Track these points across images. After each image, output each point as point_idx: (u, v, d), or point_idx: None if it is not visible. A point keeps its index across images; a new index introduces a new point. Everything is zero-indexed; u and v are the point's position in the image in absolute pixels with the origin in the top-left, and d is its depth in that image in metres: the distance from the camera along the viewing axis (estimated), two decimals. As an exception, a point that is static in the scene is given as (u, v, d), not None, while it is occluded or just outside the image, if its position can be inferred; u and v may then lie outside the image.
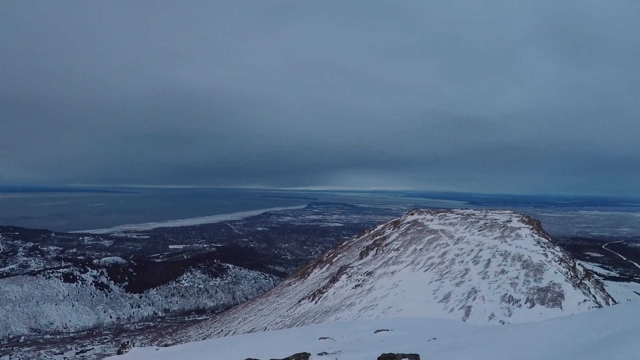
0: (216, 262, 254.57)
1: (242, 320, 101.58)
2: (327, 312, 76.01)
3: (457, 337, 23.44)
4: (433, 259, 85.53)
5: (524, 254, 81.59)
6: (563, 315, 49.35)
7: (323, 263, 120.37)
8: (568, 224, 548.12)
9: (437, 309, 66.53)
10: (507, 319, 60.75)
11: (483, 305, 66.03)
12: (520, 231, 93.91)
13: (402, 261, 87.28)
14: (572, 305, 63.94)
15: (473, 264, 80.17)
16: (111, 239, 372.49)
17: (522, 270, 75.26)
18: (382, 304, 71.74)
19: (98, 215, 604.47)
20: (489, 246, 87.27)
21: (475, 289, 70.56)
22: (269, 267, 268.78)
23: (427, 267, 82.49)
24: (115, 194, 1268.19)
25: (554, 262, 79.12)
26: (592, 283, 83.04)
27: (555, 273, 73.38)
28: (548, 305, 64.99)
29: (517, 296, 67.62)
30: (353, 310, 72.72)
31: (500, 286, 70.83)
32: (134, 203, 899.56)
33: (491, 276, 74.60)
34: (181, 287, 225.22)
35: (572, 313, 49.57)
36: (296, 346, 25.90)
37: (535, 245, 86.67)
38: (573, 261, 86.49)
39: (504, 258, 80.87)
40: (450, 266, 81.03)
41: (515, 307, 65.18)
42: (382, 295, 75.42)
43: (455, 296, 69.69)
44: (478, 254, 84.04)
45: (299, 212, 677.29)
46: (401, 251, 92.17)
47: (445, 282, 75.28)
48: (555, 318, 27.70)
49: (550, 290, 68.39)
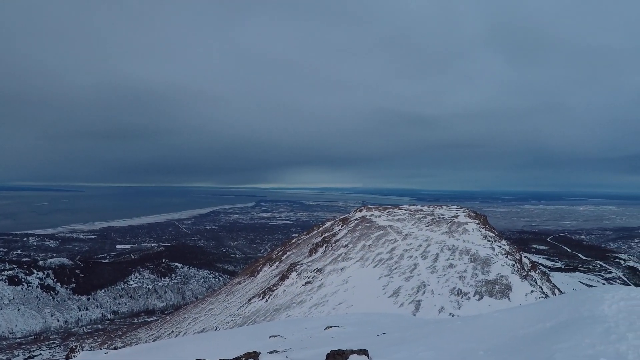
0: (165, 261, 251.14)
1: (192, 320, 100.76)
2: (278, 310, 75.86)
3: (406, 331, 23.61)
4: (382, 254, 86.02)
5: (471, 248, 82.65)
6: (511, 306, 50.11)
7: (273, 261, 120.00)
8: (514, 218, 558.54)
9: (388, 304, 66.94)
10: (456, 312, 61.50)
11: (432, 299, 66.68)
12: (467, 226, 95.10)
13: (352, 257, 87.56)
14: (519, 297, 65.12)
15: (422, 259, 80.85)
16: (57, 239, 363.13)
17: (470, 264, 76.23)
18: (333, 301, 71.87)
19: (43, 215, 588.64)
20: (437, 241, 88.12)
21: (424, 283, 71.19)
22: (218, 265, 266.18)
23: (377, 263, 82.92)
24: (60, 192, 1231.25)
25: (501, 255, 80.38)
26: (538, 274, 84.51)
27: (502, 266, 74.56)
28: (496, 297, 66.03)
29: (465, 289, 68.48)
30: (304, 307, 72.70)
31: (449, 280, 71.63)
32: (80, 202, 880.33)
33: (440, 270, 75.37)
34: (130, 288, 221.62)
35: (520, 304, 50.42)
36: (247, 345, 25.76)
37: (482, 239, 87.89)
38: (519, 254, 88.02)
39: (452, 252, 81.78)
40: (399, 261, 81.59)
41: (464, 299, 66.02)
42: (333, 291, 75.56)
43: (405, 291, 70.19)
44: (426, 249, 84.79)
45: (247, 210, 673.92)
46: (350, 247, 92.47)
47: (395, 277, 75.76)
48: (502, 309, 28.10)
49: (498, 282, 69.47)
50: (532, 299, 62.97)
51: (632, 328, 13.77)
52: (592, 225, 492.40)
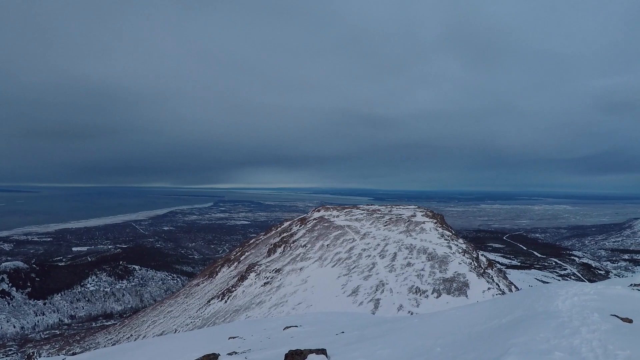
0: (122, 263, 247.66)
1: (151, 323, 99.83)
2: (238, 311, 75.59)
3: (364, 330, 23.75)
4: (340, 254, 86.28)
5: (428, 247, 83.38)
6: (469, 303, 50.68)
7: (231, 261, 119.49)
8: (470, 217, 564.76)
9: (347, 303, 67.21)
10: (415, 310, 62.01)
11: (391, 297, 67.12)
12: (425, 225, 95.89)
13: (310, 257, 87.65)
14: (477, 294, 65.95)
15: (380, 258, 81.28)
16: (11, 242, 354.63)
17: (427, 262, 76.90)
18: (292, 301, 71.92)
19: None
20: (395, 240, 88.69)
21: (383, 282, 71.60)
22: (176, 267, 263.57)
23: (335, 263, 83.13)
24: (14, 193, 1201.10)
25: (458, 253, 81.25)
26: (495, 272, 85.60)
27: (459, 264, 75.40)
28: (454, 294, 66.74)
29: (424, 287, 69.06)
30: (263, 307, 72.59)
31: (407, 278, 72.15)
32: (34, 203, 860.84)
33: (398, 269, 75.86)
34: (87, 291, 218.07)
35: (477, 301, 50.96)
36: (206, 347, 25.66)
37: (440, 238, 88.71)
38: (476, 252, 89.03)
39: (409, 251, 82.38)
40: (358, 261, 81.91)
41: (422, 297, 66.58)
42: (292, 291, 75.59)
43: (363, 290, 70.53)
44: (384, 248, 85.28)
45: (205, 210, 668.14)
46: (309, 247, 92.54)
47: (354, 276, 76.05)
48: (459, 306, 28.46)
49: (456, 280, 70.23)
50: (489, 295, 63.78)
51: (585, 322, 14.13)
52: (547, 224, 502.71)
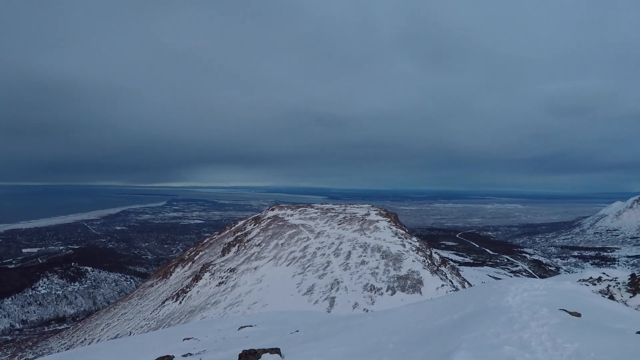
0: (74, 265, 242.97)
1: (105, 326, 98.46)
2: (193, 311, 75.14)
3: (319, 328, 23.84)
4: (295, 253, 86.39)
5: (383, 245, 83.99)
6: (423, 300, 51.24)
7: (185, 261, 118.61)
8: (424, 216, 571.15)
9: (302, 302, 67.34)
10: (370, 307, 62.46)
11: (346, 295, 67.46)
12: (379, 224, 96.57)
13: (265, 256, 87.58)
14: (430, 290, 66.70)
15: (334, 257, 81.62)
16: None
17: (382, 260, 77.46)
18: (247, 300, 71.77)
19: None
20: (349, 239, 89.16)
21: (338, 280, 71.91)
22: (129, 268, 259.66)
23: (290, 261, 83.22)
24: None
25: (412, 251, 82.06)
26: (448, 269, 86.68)
27: (413, 262, 76.14)
28: (408, 291, 67.38)
29: (378, 285, 69.58)
30: (219, 308, 72.29)
31: (362, 276, 72.59)
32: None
33: (353, 267, 76.28)
34: (38, 294, 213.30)
35: (431, 298, 51.56)
36: (160, 349, 25.51)
37: (393, 236, 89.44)
38: (429, 250, 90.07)
39: (364, 249, 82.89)
40: (313, 259, 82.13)
41: (377, 295, 67.07)
42: (247, 291, 75.45)
43: (319, 288, 70.74)
44: (339, 247, 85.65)
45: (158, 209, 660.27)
46: (263, 246, 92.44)
47: (309, 275, 76.24)
48: (413, 303, 28.75)
49: (410, 277, 70.90)
50: (443, 292, 64.57)
51: (535, 317, 14.46)
52: (498, 222, 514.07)
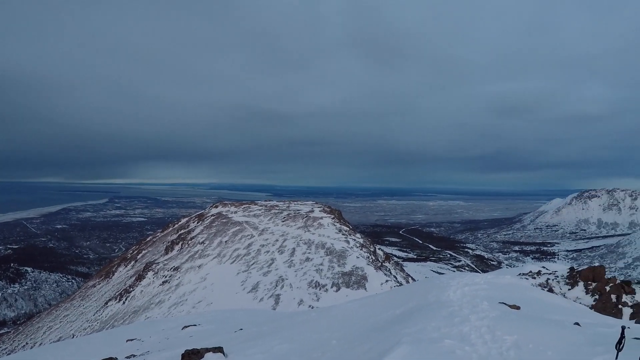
0: (13, 266, 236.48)
1: (47, 329, 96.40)
2: (137, 312, 74.25)
3: (263, 326, 23.88)
4: (239, 250, 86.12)
5: (327, 242, 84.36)
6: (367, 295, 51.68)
7: (128, 260, 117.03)
8: (367, 212, 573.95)
9: (247, 300, 67.21)
10: (315, 304, 62.66)
11: (291, 292, 67.59)
12: (323, 220, 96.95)
13: (209, 254, 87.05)
14: (375, 286, 67.26)
15: (279, 254, 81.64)
16: None
17: (326, 257, 77.81)
18: (192, 299, 71.29)
19: None
20: (293, 236, 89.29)
21: (282, 278, 71.96)
22: (71, 268, 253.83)
23: (234, 259, 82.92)
24: None
25: (356, 248, 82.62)
26: (392, 265, 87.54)
27: (357, 258, 76.69)
28: (353, 287, 67.85)
29: (323, 281, 69.89)
30: (163, 307, 71.61)
31: (306, 273, 72.82)
32: None
33: (297, 264, 76.44)
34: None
35: (376, 293, 52.04)
36: (103, 351, 25.18)
37: (337, 233, 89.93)
38: (373, 246, 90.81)
39: (308, 246, 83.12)
40: (257, 257, 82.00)
41: (322, 292, 67.36)
42: (191, 290, 74.91)
43: (263, 286, 70.68)
44: (283, 244, 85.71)
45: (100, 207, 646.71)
46: (207, 244, 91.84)
47: (253, 272, 76.10)
48: (356, 299, 29.04)
49: (354, 274, 71.37)
50: (387, 287, 65.16)
51: (475, 310, 14.78)
52: (441, 219, 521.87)
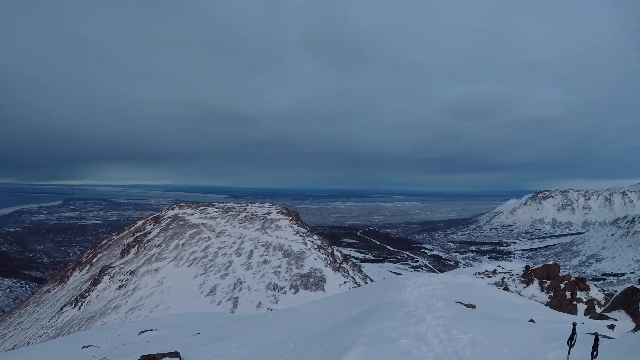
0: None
1: (0, 337, 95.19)
2: (93, 317, 73.24)
3: (220, 329, 23.78)
4: (196, 253, 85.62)
5: (284, 244, 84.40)
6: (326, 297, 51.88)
7: (83, 264, 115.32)
8: (325, 214, 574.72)
9: (205, 303, 66.89)
10: (274, 306, 62.68)
11: (250, 295, 67.46)
12: (280, 222, 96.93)
13: (165, 257, 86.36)
14: (333, 287, 67.53)
15: (236, 256, 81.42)
16: None
17: (284, 259, 77.86)
18: (149, 303, 70.63)
19: None
20: (251, 238, 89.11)
21: (240, 280, 71.79)
22: (24, 272, 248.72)
23: (191, 262, 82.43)
24: None
25: (314, 249, 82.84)
26: (350, 266, 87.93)
27: (315, 259, 76.90)
28: (312, 289, 68.02)
29: (281, 283, 69.91)
30: (119, 312, 70.78)
31: (264, 275, 72.76)
32: None
33: (255, 266, 76.33)
34: None
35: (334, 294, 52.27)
36: (59, 359, 24.94)
37: (295, 235, 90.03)
38: (331, 248, 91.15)
39: (265, 249, 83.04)
40: (214, 259, 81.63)
41: (280, 294, 67.40)
42: (148, 294, 74.21)
43: (221, 289, 70.42)
44: (241, 246, 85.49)
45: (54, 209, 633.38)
46: (164, 247, 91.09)
47: (211, 275, 75.75)
48: (314, 300, 29.17)
49: (312, 275, 71.55)
50: (346, 289, 65.44)
51: (430, 310, 15.00)
52: (398, 220, 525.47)
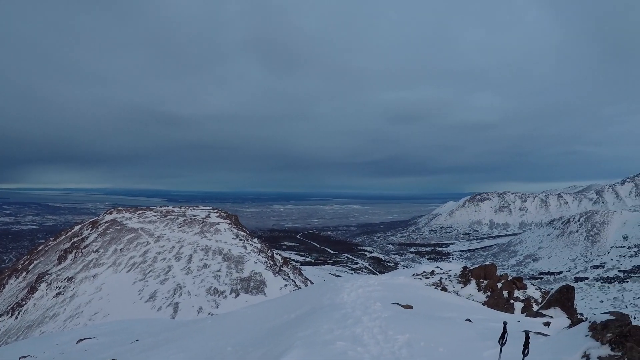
0: None
1: None
2: (31, 326, 71.68)
3: (159, 336, 23.70)
4: (135, 258, 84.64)
5: (224, 248, 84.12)
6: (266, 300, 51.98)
7: (19, 272, 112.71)
8: (264, 217, 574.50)
9: (145, 309, 66.22)
10: (215, 311, 62.45)
11: (190, 300, 67.09)
12: (219, 226, 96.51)
13: (104, 263, 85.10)
14: (274, 291, 67.66)
15: (176, 261, 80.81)
16: None
17: (224, 263, 77.64)
18: (88, 311, 69.53)
19: None
20: (190, 242, 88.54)
21: (180, 285, 71.29)
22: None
23: (130, 267, 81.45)
24: None
25: (254, 253, 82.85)
26: (290, 269, 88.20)
27: (255, 263, 76.90)
28: (252, 293, 68.00)
29: (222, 288, 69.73)
30: (58, 321, 69.46)
31: (204, 280, 72.42)
32: None
33: (195, 271, 75.90)
34: None
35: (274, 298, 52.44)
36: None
37: (235, 238, 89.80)
38: (271, 251, 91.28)
39: (205, 253, 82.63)
40: (153, 264, 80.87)
41: (221, 298, 67.21)
42: (87, 301, 73.03)
43: (161, 294, 69.82)
44: (180, 251, 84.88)
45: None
46: (102, 252, 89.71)
47: (150, 280, 75.03)
48: (253, 304, 29.25)
49: (253, 279, 71.55)
50: (286, 292, 65.73)
51: (367, 312, 15.28)
52: (338, 223, 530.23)
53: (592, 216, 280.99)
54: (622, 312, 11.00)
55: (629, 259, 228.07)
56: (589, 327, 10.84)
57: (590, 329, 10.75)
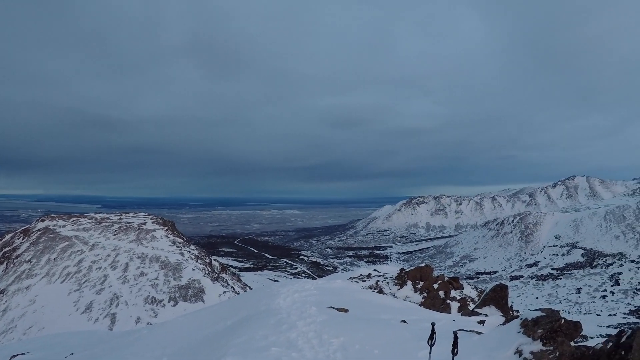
0: None
1: None
2: (-40, 343, 70.07)
3: (94, 348, 23.40)
4: (69, 268, 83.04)
5: (161, 255, 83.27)
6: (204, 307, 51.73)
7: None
8: (202, 223, 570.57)
9: (82, 321, 65.09)
10: (153, 320, 61.80)
11: (127, 310, 66.23)
12: (156, 233, 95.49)
13: (37, 273, 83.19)
14: (213, 298, 67.32)
15: (111, 270, 79.62)
16: None
17: (161, 270, 76.86)
18: (22, 325, 67.90)
19: None
20: (126, 250, 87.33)
21: (117, 295, 70.30)
22: None
23: (64, 278, 79.89)
24: None
25: (191, 260, 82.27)
26: (229, 275, 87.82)
27: (193, 270, 76.38)
28: (191, 301, 67.53)
29: (159, 296, 69.03)
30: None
31: (142, 289, 71.58)
32: None
33: (131, 280, 74.94)
34: None
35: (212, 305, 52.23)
36: None
37: (172, 245, 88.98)
38: (209, 258, 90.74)
39: (142, 260, 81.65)
40: (89, 274, 79.49)
41: (159, 307, 66.54)
42: (20, 314, 71.30)
43: (98, 305, 68.74)
44: (116, 259, 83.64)
45: None
46: (34, 262, 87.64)
47: (85, 291, 73.75)
48: (190, 312, 29.14)
49: (191, 286, 71.04)
50: (226, 299, 65.33)
51: (302, 316, 15.51)
52: (276, 228, 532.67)
53: (525, 217, 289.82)
54: (553, 309, 11.49)
55: (562, 257, 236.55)
56: (520, 324, 11.31)
57: (522, 325, 11.23)
